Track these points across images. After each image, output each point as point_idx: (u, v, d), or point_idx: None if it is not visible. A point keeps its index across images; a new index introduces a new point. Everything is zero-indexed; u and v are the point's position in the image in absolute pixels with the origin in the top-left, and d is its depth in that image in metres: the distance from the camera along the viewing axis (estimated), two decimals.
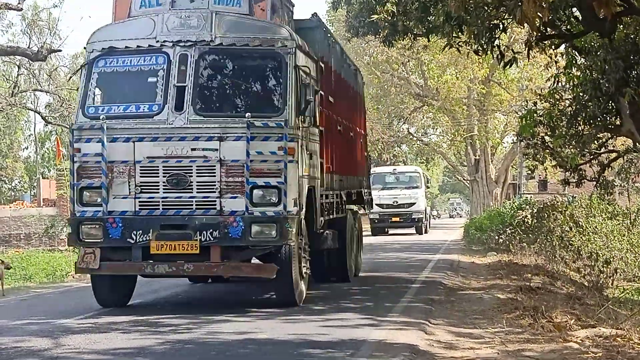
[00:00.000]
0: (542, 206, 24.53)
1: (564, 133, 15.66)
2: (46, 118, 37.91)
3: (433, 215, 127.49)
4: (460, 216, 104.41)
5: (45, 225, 30.21)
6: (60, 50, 29.85)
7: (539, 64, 35.62)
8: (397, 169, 42.80)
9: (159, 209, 10.77)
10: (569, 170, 17.15)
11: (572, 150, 16.41)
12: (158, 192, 10.80)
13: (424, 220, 40.71)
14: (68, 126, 16.29)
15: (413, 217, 39.38)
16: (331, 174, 13.64)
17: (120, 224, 10.74)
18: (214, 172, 10.71)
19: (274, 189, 10.70)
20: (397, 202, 38.68)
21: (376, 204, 35.75)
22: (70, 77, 25.50)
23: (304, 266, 11.45)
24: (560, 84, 15.57)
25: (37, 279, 18.13)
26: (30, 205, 38.70)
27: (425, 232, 41.21)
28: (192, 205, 10.74)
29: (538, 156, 18.13)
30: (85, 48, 11.52)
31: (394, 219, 39.08)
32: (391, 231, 41.56)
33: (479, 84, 44.29)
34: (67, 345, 8.40)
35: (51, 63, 36.38)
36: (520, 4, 8.65)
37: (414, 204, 39.16)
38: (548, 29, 13.57)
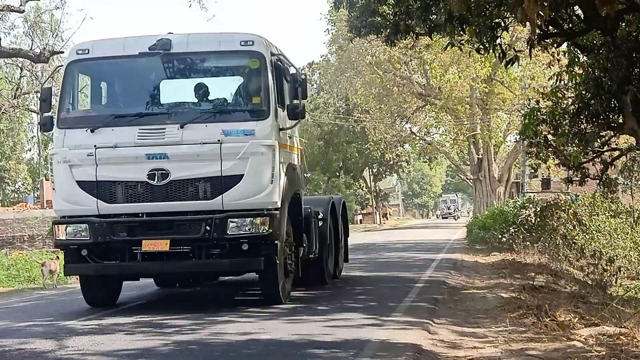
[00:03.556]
0: (545, 205, 24.52)
1: (566, 131, 15.65)
2: None
3: (440, 215, 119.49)
4: (457, 217, 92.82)
5: (48, 227, 30.27)
6: (62, 52, 29.90)
7: (541, 63, 35.64)
8: (172, 40, 11.38)
9: None
10: (572, 169, 17.14)
11: (575, 148, 16.40)
12: None
13: (286, 250, 11.82)
14: None
15: (229, 233, 10.82)
16: None
17: None
18: None
19: None
20: (162, 175, 10.91)
21: (78, 183, 11.17)
22: None
23: None
24: (562, 82, 15.56)
25: (40, 281, 18.13)
26: (33, 207, 38.79)
27: (325, 281, 14.21)
28: None
29: (541, 155, 18.12)
30: None
31: (147, 245, 10.84)
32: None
33: (481, 82, 44.30)
34: (71, 347, 8.41)
35: (54, 65, 36.46)
36: (521, 2, 8.65)
37: (235, 178, 10.87)
38: (550, 27, 13.57)
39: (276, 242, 11.18)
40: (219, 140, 10.87)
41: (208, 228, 10.85)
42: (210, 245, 11.06)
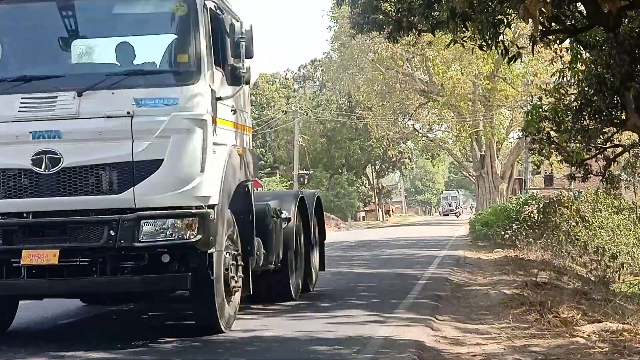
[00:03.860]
0: (548, 201, 24.54)
1: (569, 128, 15.66)
2: None
3: (441, 212, 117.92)
4: (459, 214, 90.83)
5: None
6: None
7: (543, 59, 35.63)
8: None
9: None
10: (575, 165, 17.15)
11: (577, 145, 16.40)
12: None
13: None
14: None
15: (142, 240, 7.94)
16: None
17: None
18: None
19: None
20: (51, 160, 8.03)
21: None
22: None
23: None
24: (565, 78, 15.57)
25: None
26: None
27: (290, 295, 11.52)
28: None
29: (544, 151, 18.13)
30: None
31: (29, 257, 7.92)
32: None
33: (484, 79, 44.30)
34: (74, 345, 8.41)
35: None
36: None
37: (151, 165, 8.01)
38: (552, 24, 13.58)
39: (210, 251, 8.16)
40: (129, 113, 7.92)
41: (113, 233, 7.86)
42: (117, 257, 8.05)
